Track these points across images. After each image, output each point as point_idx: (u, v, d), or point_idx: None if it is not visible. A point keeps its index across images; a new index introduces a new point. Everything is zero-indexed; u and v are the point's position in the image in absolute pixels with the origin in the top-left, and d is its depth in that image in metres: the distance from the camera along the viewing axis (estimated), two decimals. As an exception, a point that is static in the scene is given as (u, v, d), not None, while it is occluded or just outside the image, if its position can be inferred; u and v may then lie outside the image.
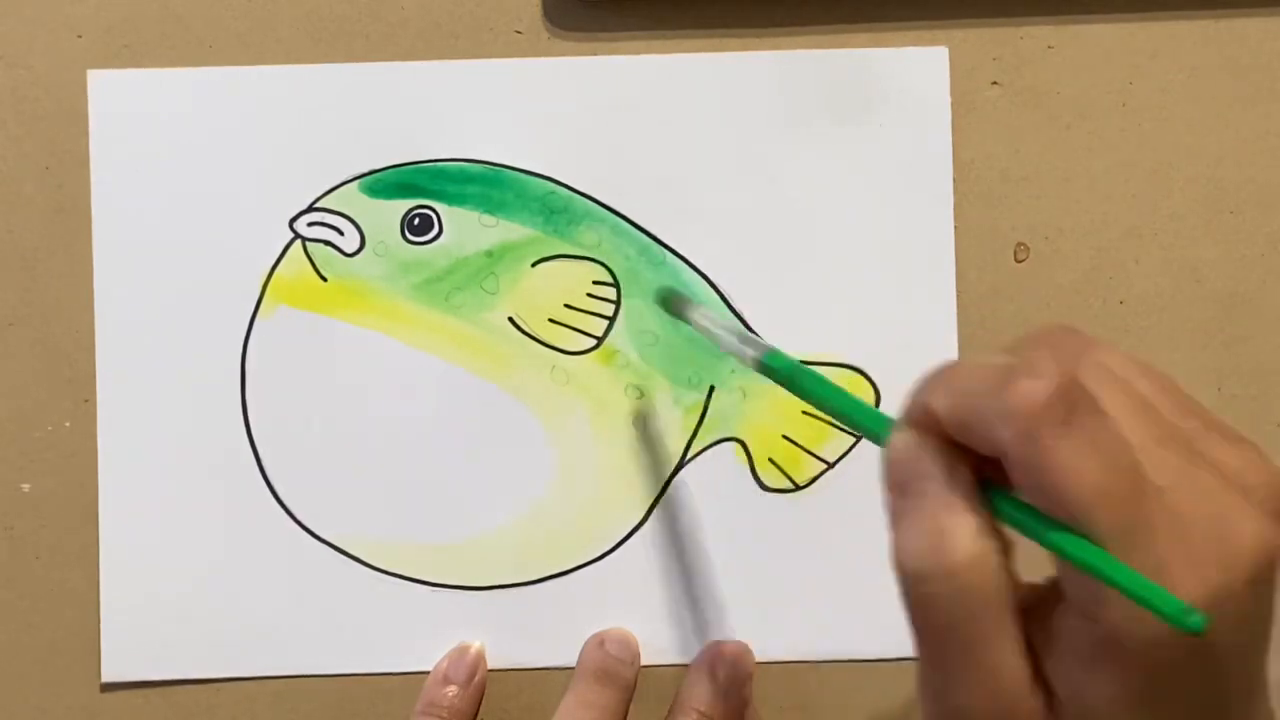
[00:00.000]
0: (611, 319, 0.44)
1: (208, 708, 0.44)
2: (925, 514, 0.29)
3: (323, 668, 0.44)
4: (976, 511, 0.29)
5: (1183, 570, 0.27)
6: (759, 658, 0.44)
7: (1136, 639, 0.28)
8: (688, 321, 0.42)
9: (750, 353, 0.37)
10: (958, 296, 0.44)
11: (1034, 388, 0.28)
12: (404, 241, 0.44)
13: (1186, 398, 0.31)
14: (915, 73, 0.44)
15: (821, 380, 0.35)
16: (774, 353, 0.36)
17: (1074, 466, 0.27)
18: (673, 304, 0.43)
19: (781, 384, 0.36)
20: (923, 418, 0.30)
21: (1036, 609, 0.30)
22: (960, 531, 0.29)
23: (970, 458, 0.30)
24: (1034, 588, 0.30)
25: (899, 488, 0.30)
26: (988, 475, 0.30)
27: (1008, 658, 0.29)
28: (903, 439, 0.30)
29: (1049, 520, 0.28)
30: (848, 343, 0.44)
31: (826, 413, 0.34)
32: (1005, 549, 0.29)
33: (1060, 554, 0.28)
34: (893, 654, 0.44)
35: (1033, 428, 0.28)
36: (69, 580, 0.44)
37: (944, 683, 0.30)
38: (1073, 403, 0.28)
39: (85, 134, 0.44)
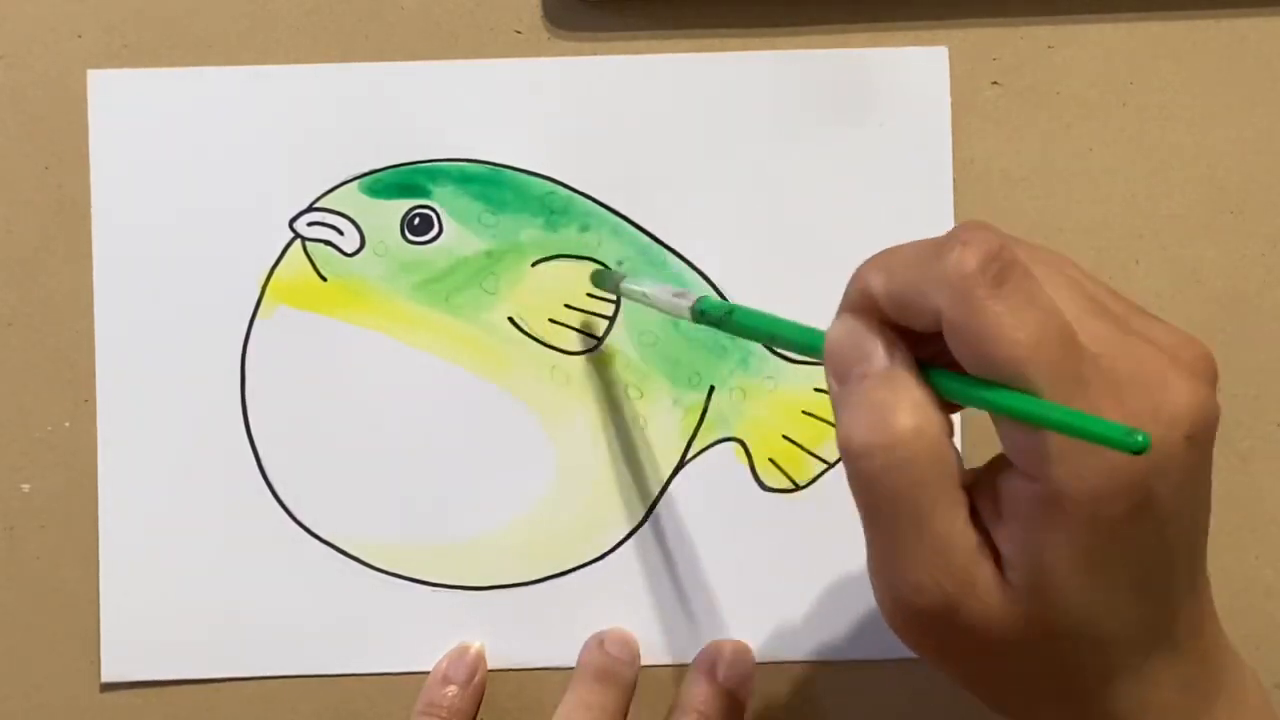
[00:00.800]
0: (611, 319, 0.44)
1: (208, 708, 0.44)
2: (867, 392, 0.30)
3: (323, 668, 0.44)
4: (918, 386, 0.30)
5: (1119, 422, 0.28)
6: (759, 658, 0.44)
7: (1078, 494, 0.28)
8: (621, 293, 0.42)
9: (685, 304, 0.37)
10: (958, 296, 0.44)
11: (967, 253, 0.28)
12: (404, 241, 0.44)
13: (1116, 291, 0.32)
14: (915, 73, 0.44)
15: (755, 313, 0.36)
16: (705, 298, 0.37)
17: (1007, 323, 0.28)
18: (605, 282, 0.43)
19: (717, 326, 0.36)
20: (861, 302, 0.31)
21: (984, 481, 0.30)
22: (901, 404, 0.29)
23: (909, 340, 0.30)
24: (983, 467, 0.31)
25: (840, 374, 0.31)
26: (926, 357, 0.30)
27: (954, 525, 0.30)
28: (841, 324, 0.31)
29: (986, 383, 0.29)
30: (848, 343, 0.44)
31: (768, 342, 0.35)
32: (947, 425, 0.30)
33: (998, 410, 0.29)
34: (893, 654, 0.44)
35: (967, 290, 0.28)
36: (69, 580, 0.44)
37: (894, 559, 0.30)
38: (1005, 266, 0.28)
39: (85, 134, 0.44)
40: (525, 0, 0.44)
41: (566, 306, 0.44)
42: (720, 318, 0.36)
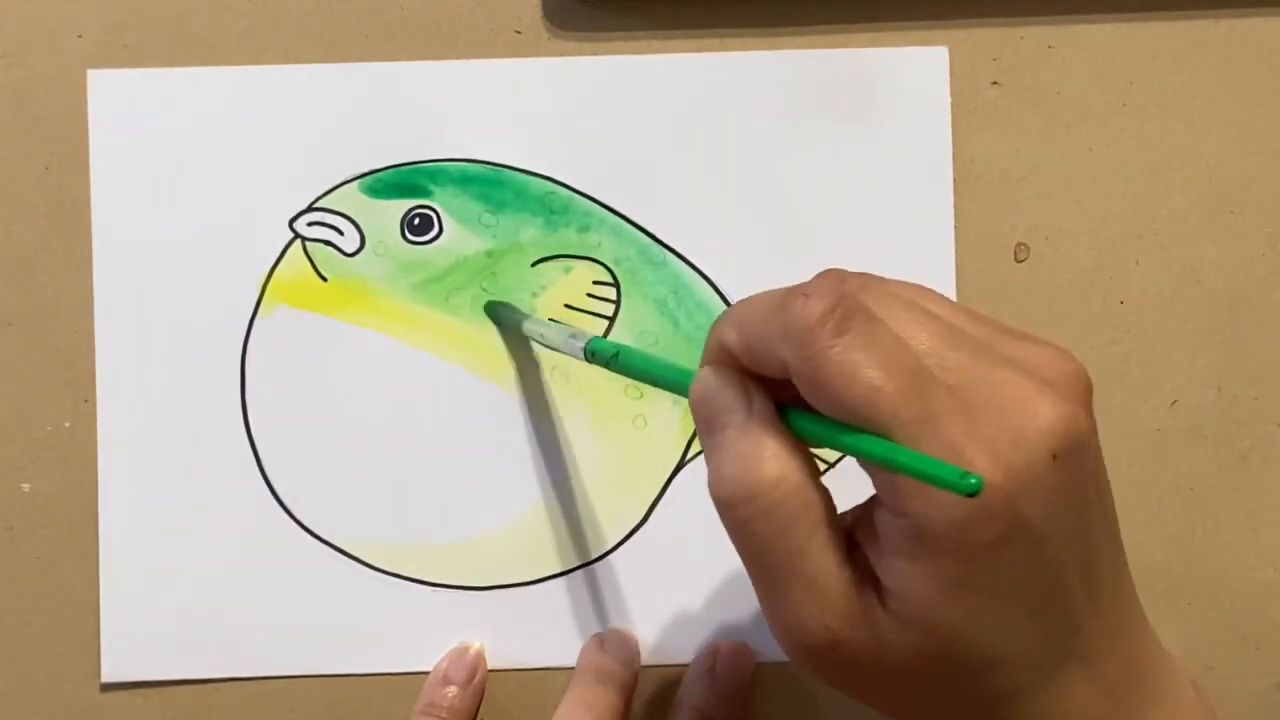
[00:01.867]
0: (611, 319, 0.44)
1: (207, 708, 0.44)
2: (729, 443, 0.31)
3: (323, 668, 0.44)
4: (776, 434, 0.31)
5: (975, 452, 0.28)
6: (759, 658, 0.44)
7: (941, 527, 0.29)
8: (517, 328, 0.43)
9: (578, 345, 0.38)
10: (958, 296, 0.44)
11: (809, 303, 0.29)
12: (404, 241, 0.44)
13: (982, 315, 0.32)
14: (915, 73, 0.44)
15: (639, 355, 0.36)
16: (595, 339, 0.38)
17: (849, 367, 0.29)
18: (498, 314, 0.44)
19: (606, 366, 0.37)
20: (719, 354, 0.32)
21: (864, 516, 0.31)
22: (762, 453, 0.30)
23: (767, 386, 0.31)
24: (863, 503, 0.31)
25: (705, 424, 0.32)
26: (788, 400, 0.31)
27: (826, 563, 0.30)
28: (702, 377, 0.32)
29: (839, 426, 0.29)
30: (848, 343, 0.44)
31: (652, 384, 0.35)
32: (810, 466, 0.31)
33: (850, 452, 0.29)
34: (893, 654, 0.44)
35: (809, 339, 0.29)
36: (69, 580, 0.44)
37: (776, 600, 0.31)
38: (847, 313, 0.29)
39: (85, 134, 0.44)
40: (525, 0, 0.44)
41: (566, 306, 0.44)
42: (608, 359, 0.37)
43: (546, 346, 0.41)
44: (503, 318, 0.44)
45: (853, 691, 0.32)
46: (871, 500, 0.31)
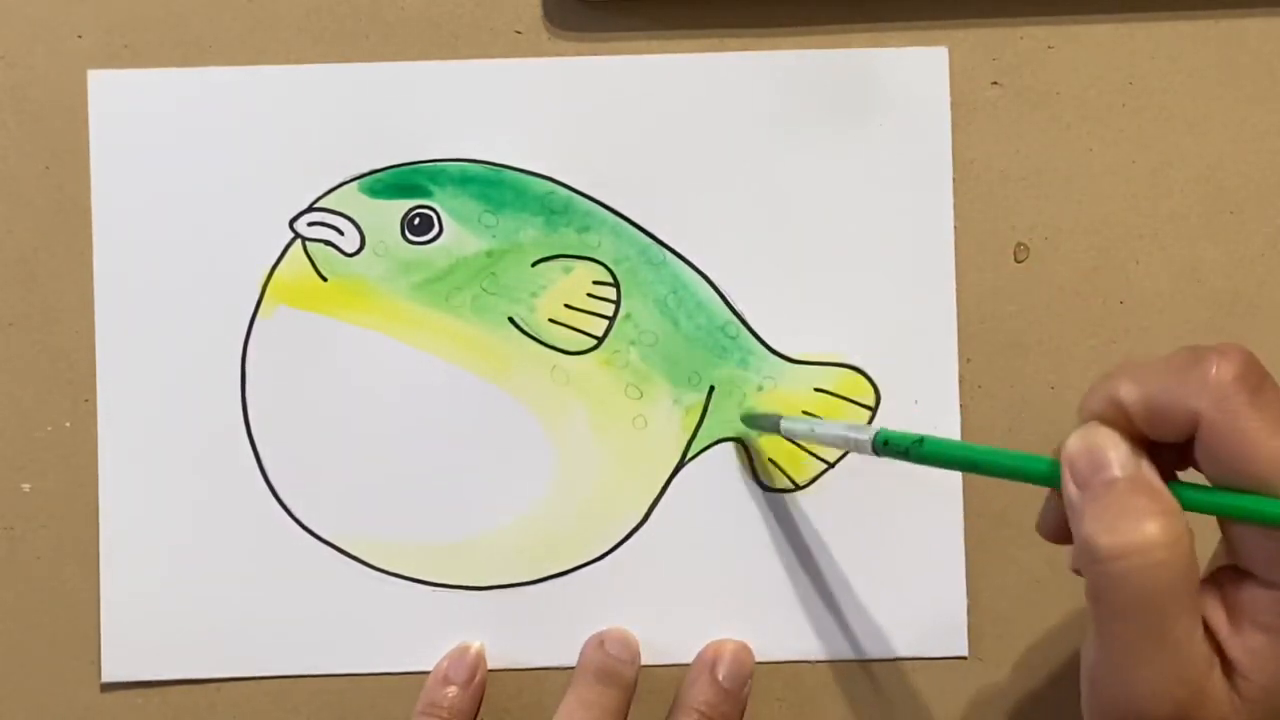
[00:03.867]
0: (611, 319, 0.44)
1: (207, 708, 0.44)
2: (1117, 497, 0.31)
3: (323, 668, 0.44)
4: (1167, 492, 0.31)
5: None
6: (759, 658, 0.44)
7: None
8: (781, 434, 0.42)
9: (864, 438, 0.37)
10: (958, 296, 0.44)
11: (1227, 364, 0.30)
12: (404, 241, 0.44)
13: None
14: (915, 73, 0.44)
15: (951, 442, 0.36)
16: (885, 430, 0.37)
17: (1267, 430, 0.30)
18: (759, 423, 0.44)
19: (903, 457, 0.36)
20: (1107, 410, 0.32)
21: (1210, 590, 0.31)
22: (1153, 510, 0.31)
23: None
24: (1207, 578, 0.32)
25: (1084, 478, 0.32)
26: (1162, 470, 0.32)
27: (1192, 634, 0.30)
28: (1087, 430, 0.32)
29: (1234, 491, 0.30)
30: (847, 342, 0.44)
31: (970, 470, 0.35)
32: (1193, 535, 0.31)
33: (1254, 515, 0.30)
34: (892, 654, 0.44)
35: (1227, 396, 0.30)
36: (69, 580, 0.44)
37: (1129, 664, 0.31)
38: (1260, 378, 0.31)
39: (85, 134, 0.44)
40: (525, 0, 0.44)
41: (566, 306, 0.44)
42: (906, 449, 0.36)
43: (815, 442, 0.41)
44: (758, 424, 0.44)
45: None
46: (1223, 573, 0.31)
